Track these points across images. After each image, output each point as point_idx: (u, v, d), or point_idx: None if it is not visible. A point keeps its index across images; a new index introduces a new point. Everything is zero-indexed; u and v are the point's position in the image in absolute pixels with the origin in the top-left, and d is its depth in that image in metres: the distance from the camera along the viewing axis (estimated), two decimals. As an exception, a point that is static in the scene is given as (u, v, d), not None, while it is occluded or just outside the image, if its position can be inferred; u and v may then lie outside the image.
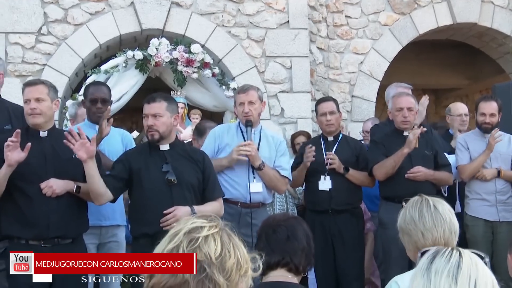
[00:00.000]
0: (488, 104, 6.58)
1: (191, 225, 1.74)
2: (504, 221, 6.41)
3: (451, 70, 13.89)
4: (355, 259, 6.24)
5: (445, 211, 3.04)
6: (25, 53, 8.47)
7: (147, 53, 8.43)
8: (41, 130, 4.65)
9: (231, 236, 1.77)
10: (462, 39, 11.55)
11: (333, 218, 6.24)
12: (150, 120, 4.73)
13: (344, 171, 6.24)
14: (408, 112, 6.14)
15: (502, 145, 6.56)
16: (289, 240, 3.06)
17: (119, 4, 8.75)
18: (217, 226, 1.75)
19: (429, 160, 6.09)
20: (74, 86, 8.97)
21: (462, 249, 1.81)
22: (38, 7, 8.54)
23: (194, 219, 1.80)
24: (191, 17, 8.91)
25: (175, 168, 4.73)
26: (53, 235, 4.51)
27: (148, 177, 4.70)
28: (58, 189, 4.52)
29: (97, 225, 5.23)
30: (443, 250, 1.79)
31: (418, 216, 3.02)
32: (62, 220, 4.53)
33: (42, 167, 4.55)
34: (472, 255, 1.79)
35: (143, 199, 4.70)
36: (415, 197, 3.15)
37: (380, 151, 6.19)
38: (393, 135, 6.26)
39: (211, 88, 8.84)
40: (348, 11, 10.26)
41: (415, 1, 10.43)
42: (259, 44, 9.05)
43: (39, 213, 4.48)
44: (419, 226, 3.00)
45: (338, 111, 6.49)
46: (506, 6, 10.68)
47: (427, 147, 6.14)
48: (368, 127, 7.66)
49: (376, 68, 10.25)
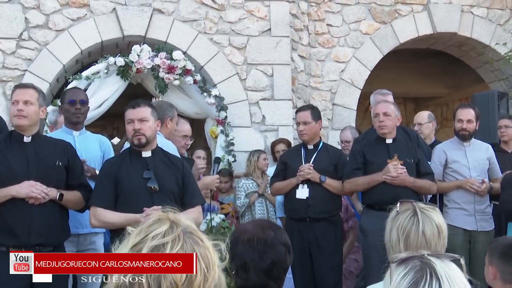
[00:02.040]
0: (465, 111, 6.66)
1: (152, 243, 1.64)
2: (482, 231, 6.45)
3: (431, 79, 13.97)
4: (333, 266, 6.25)
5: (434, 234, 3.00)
6: (6, 58, 8.42)
7: (128, 59, 8.40)
8: (25, 135, 4.62)
9: (195, 245, 1.67)
10: (442, 48, 11.62)
11: (310, 226, 6.25)
12: (137, 124, 4.69)
13: (321, 180, 6.25)
14: (384, 117, 6.13)
15: (480, 155, 6.61)
16: (275, 266, 2.99)
17: (101, 10, 8.73)
18: (180, 239, 1.65)
19: (411, 168, 6.08)
20: (55, 92, 8.94)
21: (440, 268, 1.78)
22: (19, 13, 8.50)
23: (155, 225, 1.68)
24: (173, 24, 8.91)
25: (157, 175, 4.71)
26: (34, 243, 4.47)
27: (129, 184, 4.66)
28: (50, 196, 4.51)
29: (75, 233, 5.19)
30: (424, 279, 1.74)
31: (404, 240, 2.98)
32: (44, 227, 4.51)
33: (24, 172, 4.52)
34: (450, 276, 1.76)
35: (124, 206, 4.62)
36: (406, 208, 3.07)
37: (357, 164, 6.20)
38: (376, 142, 6.28)
39: (192, 95, 8.83)
40: (330, 19, 10.30)
41: (396, 11, 10.49)
42: (240, 51, 9.06)
43: (20, 220, 4.44)
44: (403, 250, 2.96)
45: (317, 120, 6.48)
46: (485, 16, 10.77)
47: (408, 155, 6.13)
48: (346, 137, 7.68)
49: (357, 76, 10.29)
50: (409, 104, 15.73)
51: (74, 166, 4.80)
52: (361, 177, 6.11)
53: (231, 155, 8.45)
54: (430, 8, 10.58)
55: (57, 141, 4.90)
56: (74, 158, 4.84)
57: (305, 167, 6.31)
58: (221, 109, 8.70)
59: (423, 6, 10.58)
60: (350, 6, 10.36)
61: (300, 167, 6.32)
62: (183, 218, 1.74)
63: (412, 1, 10.56)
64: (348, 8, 10.37)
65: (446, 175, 6.57)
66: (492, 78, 11.56)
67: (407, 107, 15.43)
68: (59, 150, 4.74)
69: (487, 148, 6.77)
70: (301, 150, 6.54)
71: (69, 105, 5.57)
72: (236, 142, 8.61)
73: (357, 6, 10.39)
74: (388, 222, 3.08)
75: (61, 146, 4.81)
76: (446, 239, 3.04)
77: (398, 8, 10.51)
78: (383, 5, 10.45)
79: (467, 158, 6.55)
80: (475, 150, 6.63)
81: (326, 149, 6.53)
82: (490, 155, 6.72)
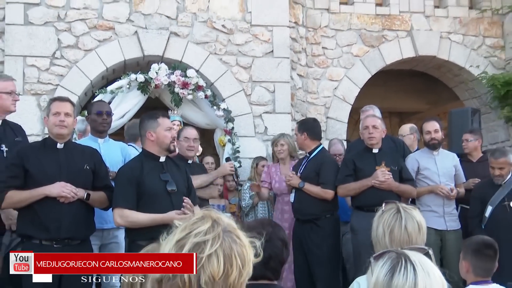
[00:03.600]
0: (431, 123, 6.75)
1: (195, 239, 1.62)
2: (451, 230, 6.48)
3: (414, 96, 13.96)
4: (318, 263, 6.20)
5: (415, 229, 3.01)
6: (41, 74, 8.44)
7: (148, 76, 8.42)
8: (59, 141, 4.63)
9: (233, 243, 1.65)
10: (423, 69, 11.62)
11: (300, 226, 6.27)
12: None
13: (300, 185, 6.25)
14: (373, 129, 6.17)
15: (448, 163, 6.65)
16: (272, 258, 2.99)
17: (124, 33, 8.76)
18: (219, 237, 1.63)
19: (395, 175, 6.10)
20: (83, 104, 8.95)
21: (413, 256, 1.78)
22: (53, 34, 8.53)
23: (199, 223, 1.66)
24: (187, 46, 8.92)
25: (172, 178, 4.71)
26: (64, 237, 4.48)
27: (151, 187, 4.63)
28: (78, 196, 4.53)
29: (100, 228, 5.20)
30: (400, 265, 1.74)
31: (389, 235, 2.99)
32: (73, 223, 4.52)
33: (56, 175, 4.53)
34: (422, 262, 1.76)
35: (146, 206, 4.58)
36: (391, 207, 3.08)
37: (348, 171, 6.20)
38: (364, 152, 6.29)
39: (203, 108, 8.84)
40: (325, 43, 10.32)
41: (383, 36, 10.52)
42: (246, 70, 9.06)
43: (52, 217, 4.45)
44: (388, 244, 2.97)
45: (301, 133, 6.49)
46: (461, 42, 10.80)
47: (393, 163, 6.15)
48: (339, 150, 7.65)
49: (348, 93, 10.30)
50: (394, 118, 15.70)
51: (100, 170, 4.81)
52: (352, 182, 6.13)
53: (237, 161, 8.46)
54: (413, 34, 10.60)
55: (85, 147, 4.92)
56: (100, 163, 4.86)
57: (288, 174, 6.39)
58: (228, 120, 8.71)
59: (406, 32, 10.60)
60: (343, 32, 10.39)
61: (286, 173, 6.44)
62: (224, 216, 1.72)
63: (397, 28, 10.58)
64: (341, 33, 10.39)
65: (418, 180, 6.59)
66: (466, 96, 11.55)
67: (392, 121, 15.41)
68: (87, 156, 4.76)
69: (453, 157, 6.85)
70: (304, 159, 6.60)
71: (96, 116, 5.63)
72: (241, 150, 8.61)
73: (349, 32, 10.42)
74: (375, 220, 3.09)
75: (88, 152, 4.83)
76: (426, 235, 3.05)
77: (385, 33, 10.54)
78: (372, 31, 10.47)
79: (437, 166, 6.60)
80: (443, 159, 6.68)
81: (315, 157, 6.48)
82: (455, 163, 6.77)
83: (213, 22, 9.03)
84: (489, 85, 10.39)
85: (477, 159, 7.27)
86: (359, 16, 10.48)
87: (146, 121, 4.80)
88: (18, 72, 8.26)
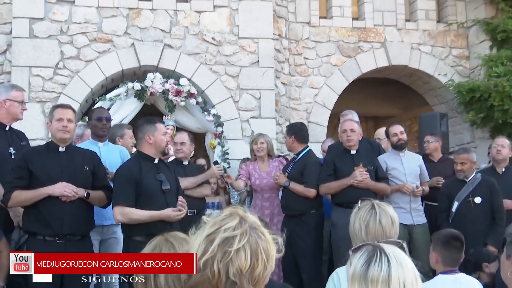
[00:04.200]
0: (396, 126, 6.79)
1: (224, 234, 1.63)
2: (418, 224, 6.48)
3: (388, 102, 14.00)
4: (304, 255, 6.19)
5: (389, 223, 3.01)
6: (45, 83, 8.40)
7: (144, 84, 8.40)
8: (61, 145, 4.60)
9: (258, 239, 1.66)
10: (396, 78, 11.67)
11: (288, 221, 6.25)
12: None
13: (285, 184, 6.24)
14: (351, 133, 6.16)
15: (413, 163, 6.67)
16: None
17: (122, 45, 8.73)
18: (247, 233, 1.64)
19: (371, 174, 6.09)
20: (84, 111, 8.90)
21: (388, 249, 1.78)
22: (56, 46, 8.49)
23: (227, 220, 1.66)
24: (180, 56, 8.91)
25: (166, 177, 4.70)
26: (66, 233, 4.45)
27: (149, 186, 4.59)
28: (79, 195, 4.50)
29: (100, 224, 5.17)
30: (375, 257, 1.74)
31: (365, 228, 2.99)
32: (74, 220, 4.48)
33: (58, 176, 4.50)
34: (396, 254, 1.76)
35: (144, 204, 4.54)
36: (366, 204, 3.09)
37: (329, 171, 6.20)
38: (343, 153, 6.28)
39: (195, 113, 8.83)
40: (306, 54, 10.35)
41: (359, 47, 10.55)
42: (234, 79, 9.06)
43: (55, 214, 4.42)
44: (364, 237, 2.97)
45: (290, 136, 6.49)
46: (430, 52, 10.86)
47: (369, 163, 6.15)
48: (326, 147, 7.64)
49: (328, 99, 10.32)
50: (369, 122, 15.74)
51: (99, 171, 4.78)
52: (333, 182, 6.12)
53: (226, 162, 8.44)
54: (386, 45, 10.64)
55: (85, 150, 4.89)
56: (98, 164, 4.83)
57: (276, 173, 6.38)
58: (218, 125, 8.70)
59: (380, 43, 10.65)
60: (322, 43, 10.42)
61: (274, 173, 6.42)
62: (250, 214, 1.72)
63: (372, 39, 10.62)
64: (321, 45, 10.41)
65: None
66: (435, 102, 11.61)
67: (368, 125, 15.44)
68: (87, 158, 4.73)
69: (418, 158, 6.89)
70: (292, 160, 6.60)
71: (96, 121, 5.61)
72: (230, 152, 8.60)
73: (328, 43, 10.44)
74: (352, 216, 3.09)
75: (88, 154, 4.80)
76: (398, 228, 3.05)
77: (361, 45, 10.57)
78: (349, 42, 10.50)
79: (403, 166, 6.61)
80: (409, 159, 6.71)
81: (301, 158, 6.46)
82: (420, 163, 6.79)
83: (204, 35, 9.01)
84: (455, 92, 10.45)
85: (437, 159, 7.33)
86: (337, 29, 10.50)
87: (145, 125, 4.78)
88: (24, 81, 8.21)
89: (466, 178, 6.23)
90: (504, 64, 9.95)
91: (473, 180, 6.21)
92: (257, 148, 6.75)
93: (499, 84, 9.51)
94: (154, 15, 8.89)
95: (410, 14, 11.15)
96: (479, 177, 6.21)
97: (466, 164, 6.21)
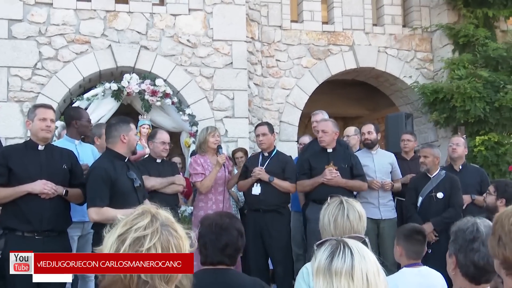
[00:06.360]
0: (366, 126, 6.97)
1: (135, 234, 1.57)
2: (386, 219, 6.58)
3: (356, 102, 14.11)
4: (279, 248, 6.21)
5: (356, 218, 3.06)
6: (23, 83, 8.30)
7: (120, 85, 8.36)
8: (40, 144, 4.57)
9: (170, 236, 1.60)
10: (364, 79, 11.76)
11: (262, 215, 6.22)
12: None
13: (269, 179, 6.23)
14: (322, 133, 6.21)
15: (384, 161, 6.77)
16: (228, 246, 3.00)
17: (99, 46, 8.67)
18: (158, 232, 1.58)
19: (345, 172, 6.11)
20: (62, 110, 8.81)
21: (351, 242, 1.80)
22: (34, 47, 8.39)
23: (139, 219, 1.61)
24: (156, 58, 8.88)
25: (137, 175, 4.72)
26: (45, 229, 4.42)
27: (123, 185, 4.58)
28: (58, 192, 4.48)
29: (81, 221, 5.16)
30: (338, 250, 1.76)
31: (334, 223, 3.03)
32: (53, 216, 4.46)
33: (38, 174, 4.47)
34: (359, 247, 1.78)
35: (118, 202, 4.47)
36: (335, 200, 3.12)
37: (304, 170, 6.25)
38: (320, 151, 6.32)
39: (170, 113, 8.81)
40: (278, 56, 10.39)
41: (328, 50, 10.63)
42: (209, 80, 9.06)
43: (35, 211, 4.39)
44: (333, 231, 3.01)
45: (272, 133, 6.47)
46: (396, 55, 10.99)
47: (344, 161, 6.18)
48: (304, 140, 7.66)
49: (299, 100, 10.38)
50: (339, 122, 15.49)
51: (76, 169, 4.76)
52: (307, 180, 6.16)
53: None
54: (354, 48, 10.74)
55: (63, 149, 4.85)
56: (76, 163, 4.81)
57: (256, 169, 6.27)
58: (193, 124, 8.70)
59: (349, 47, 10.74)
60: (293, 46, 10.47)
61: (254, 169, 6.30)
62: (162, 211, 1.68)
63: (341, 43, 10.71)
64: (292, 48, 10.47)
65: None
66: (401, 103, 11.75)
67: (337, 124, 15.53)
68: (65, 157, 4.71)
69: (390, 156, 6.97)
70: (259, 156, 6.53)
71: (87, 122, 5.66)
72: (204, 150, 8.59)
73: (299, 46, 10.50)
74: (321, 211, 3.13)
75: (66, 153, 4.77)
76: (366, 223, 3.09)
77: (330, 48, 10.65)
78: (319, 45, 10.57)
79: (374, 163, 6.71)
80: (380, 157, 6.82)
81: (277, 156, 6.46)
82: (392, 161, 6.88)
83: (179, 37, 9.00)
84: (420, 93, 10.59)
85: (410, 157, 7.43)
86: (307, 33, 10.56)
87: (121, 124, 4.74)
88: (2, 81, 8.14)
89: (429, 172, 6.35)
90: (466, 67, 10.11)
91: (437, 176, 6.32)
92: (214, 140, 6.34)
93: (461, 86, 9.68)
94: (131, 17, 8.85)
95: (377, 18, 11.27)
96: (443, 174, 6.33)
97: (428, 157, 6.34)
